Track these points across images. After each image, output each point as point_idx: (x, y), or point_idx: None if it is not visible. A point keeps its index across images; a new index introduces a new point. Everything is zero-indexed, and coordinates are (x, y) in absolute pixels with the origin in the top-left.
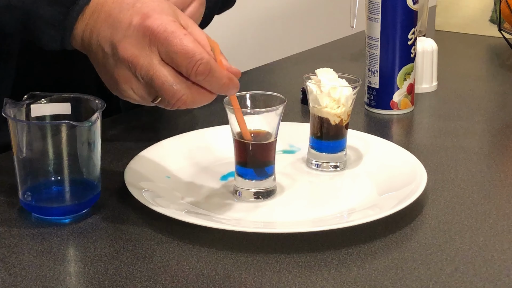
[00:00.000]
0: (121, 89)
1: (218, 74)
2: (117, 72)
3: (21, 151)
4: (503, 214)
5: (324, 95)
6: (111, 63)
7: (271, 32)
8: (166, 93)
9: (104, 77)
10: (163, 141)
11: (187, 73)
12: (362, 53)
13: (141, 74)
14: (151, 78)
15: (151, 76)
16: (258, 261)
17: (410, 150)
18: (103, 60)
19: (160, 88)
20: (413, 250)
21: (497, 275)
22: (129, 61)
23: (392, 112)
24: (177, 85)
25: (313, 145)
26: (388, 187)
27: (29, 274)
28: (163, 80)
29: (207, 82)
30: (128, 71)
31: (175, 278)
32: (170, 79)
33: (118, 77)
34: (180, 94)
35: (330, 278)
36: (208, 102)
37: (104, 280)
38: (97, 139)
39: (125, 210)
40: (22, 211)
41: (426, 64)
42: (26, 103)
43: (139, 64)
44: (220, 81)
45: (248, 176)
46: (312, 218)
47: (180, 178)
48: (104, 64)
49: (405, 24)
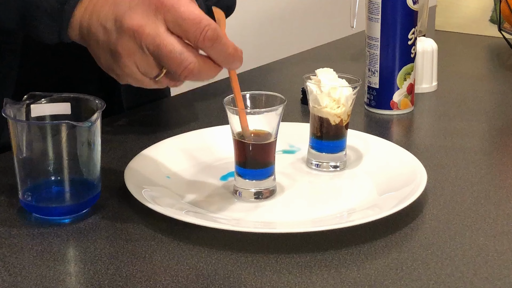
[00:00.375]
0: (123, 66)
1: (225, 41)
2: (120, 46)
3: (21, 151)
4: (503, 214)
5: (324, 95)
6: (114, 38)
7: (271, 32)
8: (173, 61)
9: (103, 59)
10: (163, 141)
11: (195, 39)
12: (362, 53)
13: (147, 43)
14: (158, 47)
15: (158, 45)
16: (258, 261)
17: (410, 150)
18: (104, 38)
19: (168, 56)
20: (413, 250)
21: (497, 275)
22: (134, 30)
23: (392, 112)
24: (185, 53)
25: (313, 145)
26: (388, 187)
27: (29, 274)
28: (170, 48)
29: (214, 49)
30: (132, 42)
31: (175, 278)
32: (177, 47)
33: (121, 51)
34: (188, 61)
35: (330, 278)
36: (213, 76)
37: (104, 280)
38: (97, 139)
39: (125, 210)
40: (22, 211)
41: (426, 64)
42: (26, 103)
43: (145, 33)
44: (227, 49)
45: (248, 176)
46: (312, 218)
47: (180, 178)
48: (105, 42)
49: (405, 24)
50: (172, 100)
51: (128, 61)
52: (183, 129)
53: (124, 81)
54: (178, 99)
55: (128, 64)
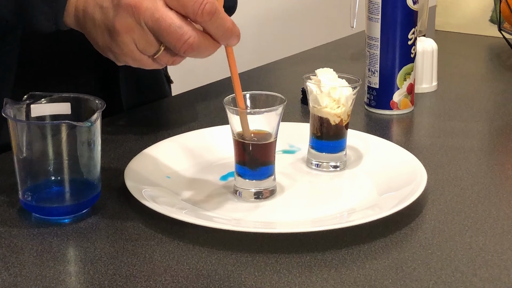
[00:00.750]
0: (121, 44)
1: (223, 15)
2: (118, 22)
3: (21, 151)
4: (503, 214)
5: (324, 95)
6: (111, 15)
7: (271, 32)
8: (173, 35)
9: (100, 39)
10: (163, 141)
11: (193, 13)
12: (362, 53)
13: (145, 18)
14: (157, 21)
15: (156, 19)
16: (258, 261)
17: (410, 150)
18: (101, 17)
19: (167, 30)
20: (413, 250)
21: (497, 275)
22: (132, 6)
23: (392, 112)
24: (184, 27)
25: (313, 145)
26: (388, 187)
27: (29, 274)
28: (169, 22)
29: (212, 24)
30: (130, 18)
31: (175, 278)
32: (176, 20)
33: (119, 28)
34: (187, 35)
35: (330, 278)
36: (212, 52)
37: (104, 280)
38: (97, 139)
39: (125, 210)
40: (22, 211)
41: (426, 64)
42: (26, 103)
43: (143, 7)
44: (225, 24)
45: (248, 176)
46: (312, 218)
47: (180, 178)
48: (102, 21)
49: (405, 24)
50: (172, 100)
51: (126, 38)
52: (183, 129)
53: (122, 61)
54: (178, 99)
55: (126, 42)
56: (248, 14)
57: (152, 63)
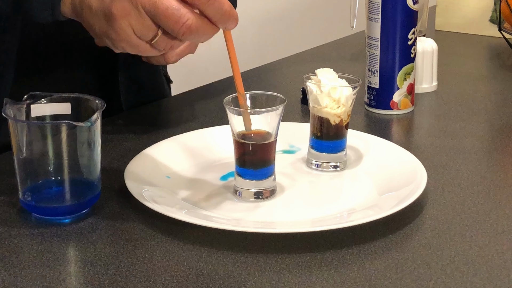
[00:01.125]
0: (118, 29)
1: None
2: (115, 7)
3: (21, 151)
4: (503, 214)
5: (324, 95)
6: (108, 0)
7: (271, 32)
8: (171, 18)
9: (97, 26)
10: (163, 141)
11: None
12: (362, 53)
13: (142, 2)
14: (155, 4)
15: (154, 2)
16: (258, 261)
17: (410, 150)
18: (98, 3)
19: (165, 13)
20: (413, 250)
21: (497, 275)
22: None
23: (392, 112)
24: (182, 9)
25: (313, 145)
26: (388, 187)
27: (29, 274)
28: (167, 4)
29: (210, 6)
30: (127, 2)
31: (175, 278)
32: (174, 3)
33: (116, 13)
34: (186, 18)
35: (330, 278)
36: (210, 36)
37: (104, 280)
38: (97, 139)
39: (125, 210)
40: (22, 211)
41: (426, 64)
42: (26, 103)
43: None
44: (223, 7)
45: (248, 176)
46: (312, 218)
47: (180, 178)
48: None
49: (405, 24)
50: (172, 100)
51: (124, 23)
52: (183, 129)
53: (120, 48)
54: (178, 99)
55: (124, 27)
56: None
57: (150, 48)
